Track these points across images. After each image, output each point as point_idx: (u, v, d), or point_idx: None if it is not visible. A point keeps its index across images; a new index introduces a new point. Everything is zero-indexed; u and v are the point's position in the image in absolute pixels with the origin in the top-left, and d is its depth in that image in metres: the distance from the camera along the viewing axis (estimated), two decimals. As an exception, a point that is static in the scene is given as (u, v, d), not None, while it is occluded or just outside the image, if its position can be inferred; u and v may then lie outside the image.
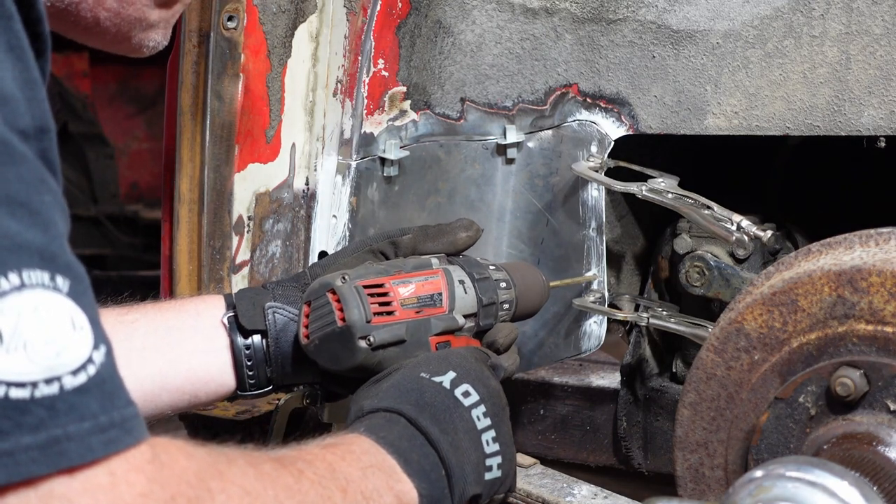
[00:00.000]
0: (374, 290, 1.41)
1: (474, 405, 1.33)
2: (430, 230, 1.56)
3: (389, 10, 1.86)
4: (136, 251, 4.93)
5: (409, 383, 1.33)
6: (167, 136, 1.84)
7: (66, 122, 4.84)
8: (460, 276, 1.50)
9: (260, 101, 1.84)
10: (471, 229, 1.57)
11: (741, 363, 1.43)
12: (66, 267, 0.90)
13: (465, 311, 1.48)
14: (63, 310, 0.88)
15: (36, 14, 0.95)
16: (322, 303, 1.41)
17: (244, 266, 1.88)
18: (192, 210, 1.83)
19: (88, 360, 0.89)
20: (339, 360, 1.41)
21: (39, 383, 0.86)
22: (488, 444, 1.32)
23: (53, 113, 0.95)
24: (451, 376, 1.34)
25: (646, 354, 1.97)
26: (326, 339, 1.41)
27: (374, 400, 1.32)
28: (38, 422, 0.86)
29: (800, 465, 1.13)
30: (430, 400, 1.31)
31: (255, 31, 1.80)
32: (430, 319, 1.44)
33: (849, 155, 1.84)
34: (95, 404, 0.89)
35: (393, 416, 1.29)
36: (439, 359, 1.38)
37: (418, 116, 1.89)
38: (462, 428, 1.31)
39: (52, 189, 0.92)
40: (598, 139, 1.81)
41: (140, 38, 1.38)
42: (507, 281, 1.55)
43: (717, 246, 1.85)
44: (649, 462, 2.00)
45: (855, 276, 1.34)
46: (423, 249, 1.54)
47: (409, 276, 1.45)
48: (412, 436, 1.27)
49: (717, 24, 1.69)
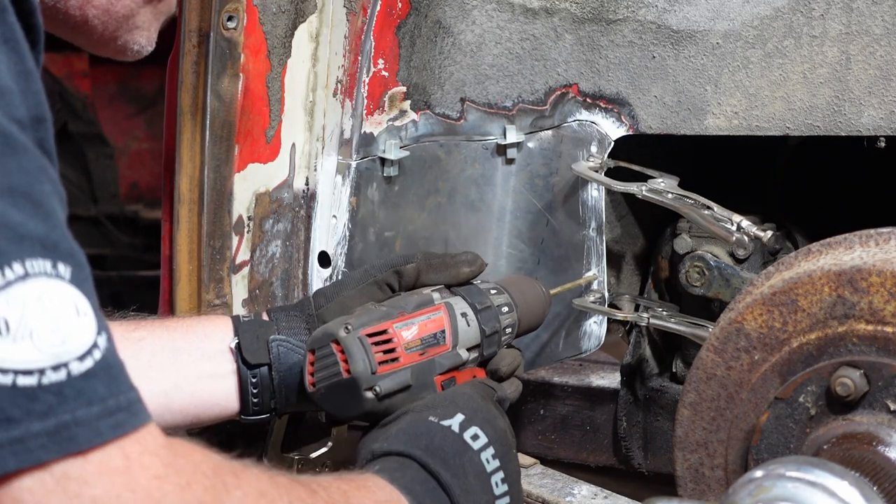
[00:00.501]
0: (377, 337, 1.41)
1: (483, 448, 1.33)
2: (434, 261, 1.56)
3: (389, 10, 1.86)
4: (136, 251, 4.93)
5: (418, 428, 1.33)
6: (167, 136, 1.84)
7: (66, 122, 4.84)
8: (462, 308, 1.49)
9: (260, 101, 1.84)
10: (474, 264, 1.56)
11: (741, 363, 1.43)
12: (67, 254, 0.91)
13: (469, 345, 1.49)
14: (67, 297, 0.90)
15: (29, 6, 0.96)
16: (326, 353, 1.41)
17: (244, 266, 1.88)
18: (192, 210, 1.83)
19: (94, 345, 0.91)
20: (346, 409, 1.41)
21: (47, 370, 0.87)
22: (497, 486, 1.33)
23: (53, 113, 0.96)
24: (459, 419, 1.34)
25: (646, 354, 1.97)
26: (332, 389, 1.41)
27: (383, 444, 1.32)
28: (46, 408, 0.87)
29: (800, 465, 1.13)
30: (439, 444, 1.31)
31: (255, 31, 1.80)
32: (434, 360, 1.44)
33: (849, 155, 1.84)
34: (102, 388, 0.90)
35: (405, 460, 1.29)
36: (446, 401, 1.38)
37: (418, 116, 1.89)
38: (472, 472, 1.31)
39: (51, 178, 0.93)
40: (598, 139, 1.81)
41: (126, 39, 1.38)
42: (509, 304, 1.55)
43: (717, 246, 1.85)
44: (649, 462, 2.00)
45: (855, 276, 1.34)
46: (425, 281, 1.54)
47: (412, 316, 1.45)
48: (425, 479, 1.27)
49: (717, 25, 1.69)
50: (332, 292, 1.57)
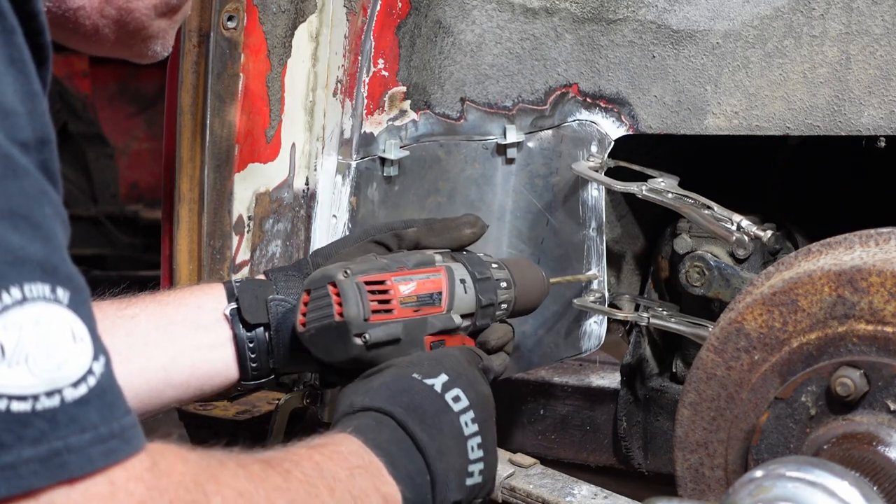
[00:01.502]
0: (374, 286, 1.41)
1: (463, 410, 1.33)
2: (435, 224, 1.56)
3: (389, 10, 1.86)
4: (136, 251, 4.93)
5: (400, 384, 1.33)
6: (167, 136, 1.84)
7: (66, 122, 4.84)
8: (462, 274, 1.50)
9: (260, 101, 1.84)
10: (476, 225, 1.57)
11: (741, 363, 1.43)
12: (66, 279, 0.91)
13: (464, 311, 1.49)
14: (64, 322, 0.89)
15: (38, 25, 0.96)
16: (321, 294, 1.41)
17: (244, 266, 1.88)
18: (192, 210, 1.83)
19: (88, 371, 0.90)
20: (333, 352, 1.41)
21: (41, 396, 0.87)
22: (473, 451, 1.33)
23: (53, 113, 0.96)
24: (442, 379, 1.34)
25: (646, 354, 1.97)
26: (322, 331, 1.41)
27: (364, 397, 1.32)
28: (39, 434, 0.86)
29: (800, 465, 1.13)
30: (420, 403, 1.31)
31: (255, 31, 1.80)
32: (427, 319, 1.44)
33: (849, 155, 1.84)
34: (96, 415, 0.90)
35: (383, 417, 1.29)
36: (432, 360, 1.38)
37: (418, 116, 1.89)
38: (449, 433, 1.31)
39: (52, 201, 0.93)
40: (598, 139, 1.81)
41: (140, 47, 1.38)
42: (508, 280, 1.55)
43: (717, 246, 1.85)
44: (649, 462, 2.00)
45: (855, 276, 1.34)
46: (426, 244, 1.55)
47: (412, 273, 1.45)
48: (401, 440, 1.27)
49: (717, 24, 1.69)
50: (329, 251, 1.57)
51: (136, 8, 1.32)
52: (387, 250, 1.54)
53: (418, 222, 1.57)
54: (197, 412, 2.12)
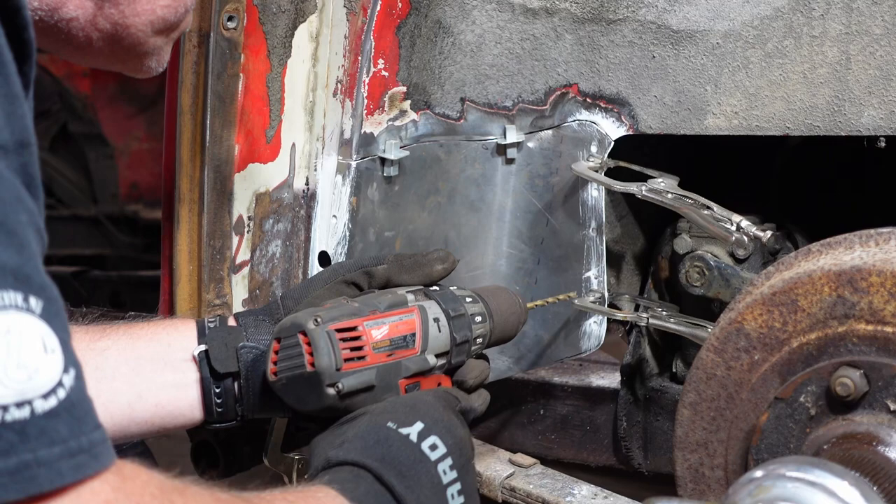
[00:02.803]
0: (346, 333, 1.38)
1: (441, 459, 1.31)
2: (406, 261, 1.54)
3: (389, 10, 1.86)
4: (136, 251, 4.93)
5: (376, 434, 1.31)
6: (167, 136, 1.84)
7: (66, 122, 4.84)
8: (435, 313, 1.47)
9: (260, 101, 1.84)
10: (447, 261, 1.55)
11: (741, 363, 1.43)
12: (39, 288, 0.90)
13: (438, 351, 1.46)
14: (35, 332, 0.88)
15: (22, 20, 0.94)
16: (292, 343, 1.39)
17: (244, 266, 1.88)
18: (192, 210, 1.83)
19: (59, 383, 0.89)
20: (306, 402, 1.39)
21: (10, 407, 0.86)
22: (453, 498, 1.31)
23: (53, 113, 0.95)
24: (418, 428, 1.32)
25: (646, 354, 1.97)
26: (293, 381, 1.38)
27: (338, 451, 1.30)
28: (8, 446, 0.85)
29: (800, 465, 1.13)
30: (396, 454, 1.29)
31: (255, 31, 1.80)
32: (401, 362, 1.42)
33: (849, 155, 1.84)
34: (65, 429, 0.89)
35: (359, 470, 1.27)
36: (407, 407, 1.36)
37: (418, 116, 1.89)
38: (427, 483, 1.29)
39: (28, 208, 0.92)
40: (598, 139, 1.81)
41: (135, 62, 1.36)
42: (483, 314, 1.53)
43: (717, 246, 1.85)
44: (649, 462, 2.00)
45: (855, 276, 1.34)
46: (397, 281, 1.52)
47: (384, 315, 1.42)
48: (378, 493, 1.26)
49: (717, 25, 1.69)
50: (300, 293, 1.54)
51: (132, 24, 1.30)
52: (357, 289, 1.52)
53: (388, 259, 1.54)
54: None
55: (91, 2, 1.27)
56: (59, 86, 4.73)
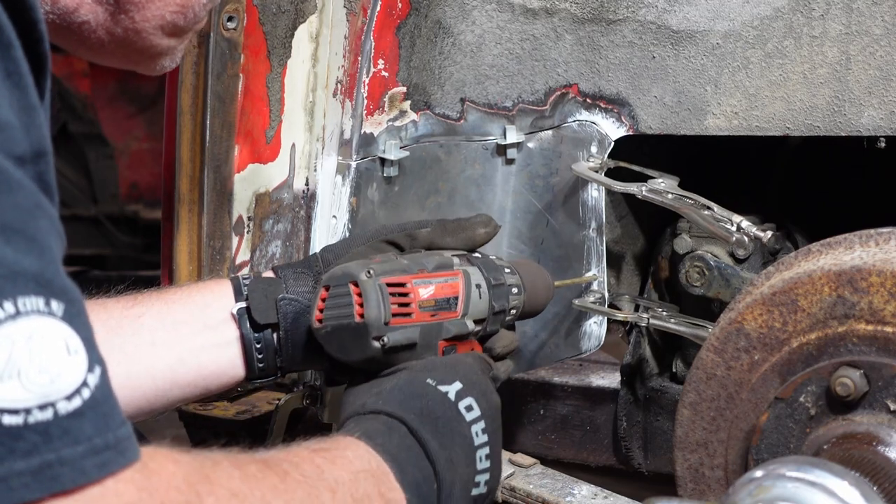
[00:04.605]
0: (396, 288, 1.39)
1: (475, 420, 1.33)
2: (449, 225, 1.55)
3: (389, 10, 1.86)
4: (136, 251, 4.93)
5: (414, 388, 1.32)
6: (167, 136, 1.84)
7: (66, 122, 4.84)
8: (478, 279, 1.49)
9: (260, 102, 1.84)
10: (489, 225, 1.57)
11: (741, 363, 1.43)
12: (60, 291, 0.91)
13: (477, 317, 1.48)
14: (58, 335, 0.90)
15: (38, 34, 0.96)
16: (342, 292, 1.39)
17: (244, 266, 1.88)
18: (192, 210, 1.83)
19: (83, 383, 0.90)
20: (348, 352, 1.39)
21: (33, 410, 0.87)
22: (481, 461, 1.32)
23: (53, 113, 0.96)
24: (457, 387, 1.33)
25: (646, 354, 1.97)
26: (339, 330, 1.39)
27: (377, 399, 1.31)
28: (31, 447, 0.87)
29: (800, 465, 1.13)
30: (433, 410, 1.30)
31: (255, 32, 1.80)
32: (443, 324, 1.43)
33: (849, 155, 1.84)
34: (90, 427, 0.90)
35: (394, 422, 1.28)
36: (447, 366, 1.37)
37: (418, 117, 1.89)
38: (460, 443, 1.30)
39: (48, 214, 0.93)
40: (598, 139, 1.81)
41: (147, 63, 1.37)
42: (519, 286, 1.55)
43: (717, 246, 1.85)
44: (649, 462, 2.00)
45: (855, 276, 1.34)
46: (440, 244, 1.53)
47: (431, 276, 1.43)
48: (410, 446, 1.27)
49: (717, 25, 1.69)
50: (341, 249, 1.55)
51: (142, 29, 1.31)
52: (399, 251, 1.53)
53: (431, 223, 1.55)
54: (197, 412, 2.12)
55: (102, 7, 1.29)
56: (59, 86, 4.74)
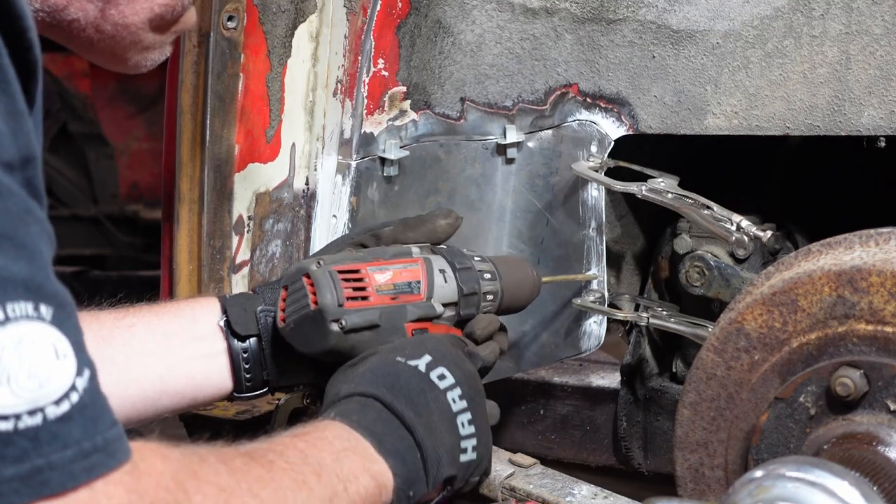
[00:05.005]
0: (348, 275, 1.43)
1: (450, 388, 1.34)
2: (411, 221, 1.58)
3: (389, 10, 1.85)
4: (136, 251, 4.93)
5: (384, 367, 1.35)
6: (167, 136, 1.84)
7: (66, 122, 4.84)
8: (441, 265, 1.51)
9: (260, 101, 1.84)
10: (449, 217, 1.58)
11: (741, 363, 1.43)
12: (50, 295, 0.92)
13: (445, 300, 1.49)
14: (46, 339, 0.90)
15: (27, 42, 0.96)
16: (297, 287, 1.43)
17: (244, 266, 1.88)
18: (192, 210, 1.83)
19: (72, 387, 0.91)
20: (312, 343, 1.42)
21: (23, 415, 0.88)
22: (463, 427, 1.34)
23: (53, 113, 0.96)
24: (426, 360, 1.35)
25: (646, 354, 1.97)
26: (300, 322, 1.43)
27: (349, 385, 1.34)
28: (21, 453, 0.87)
29: (800, 465, 1.13)
30: (404, 383, 1.32)
31: (255, 31, 1.80)
32: (405, 306, 1.45)
33: (849, 155, 1.84)
34: (78, 431, 0.91)
35: (368, 400, 1.30)
36: (415, 343, 1.40)
37: (418, 116, 1.89)
38: (437, 410, 1.32)
39: (37, 219, 0.94)
40: (598, 139, 1.81)
41: (136, 59, 1.39)
42: (492, 272, 1.56)
43: (717, 246, 1.85)
44: (649, 462, 2.00)
45: (855, 276, 1.34)
46: (403, 239, 1.55)
47: (388, 263, 1.47)
48: (387, 419, 1.29)
49: (717, 24, 1.69)
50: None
51: (131, 23, 1.33)
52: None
53: (394, 221, 1.59)
54: (197, 412, 2.12)
55: (92, 4, 1.30)
56: (59, 86, 4.74)
